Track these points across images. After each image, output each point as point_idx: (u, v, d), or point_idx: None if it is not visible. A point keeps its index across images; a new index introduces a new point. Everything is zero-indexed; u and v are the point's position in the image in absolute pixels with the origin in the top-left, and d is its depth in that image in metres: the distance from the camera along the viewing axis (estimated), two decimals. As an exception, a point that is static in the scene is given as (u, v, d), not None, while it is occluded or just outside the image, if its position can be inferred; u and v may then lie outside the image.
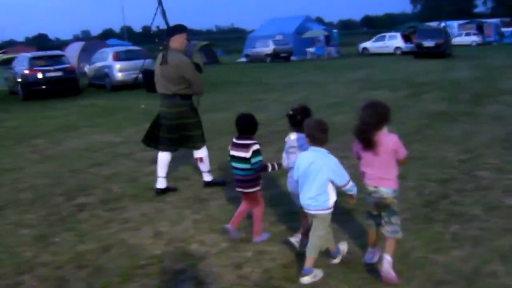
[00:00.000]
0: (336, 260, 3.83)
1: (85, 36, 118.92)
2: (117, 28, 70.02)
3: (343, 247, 3.92)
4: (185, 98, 5.67)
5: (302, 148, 3.82)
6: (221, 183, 6.12)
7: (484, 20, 52.94)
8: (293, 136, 3.99)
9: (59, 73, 18.13)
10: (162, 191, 5.92)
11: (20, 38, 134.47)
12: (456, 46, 36.76)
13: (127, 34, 69.87)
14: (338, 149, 6.73)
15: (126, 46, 29.65)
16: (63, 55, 19.87)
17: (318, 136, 3.52)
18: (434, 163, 6.50)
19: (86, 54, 26.65)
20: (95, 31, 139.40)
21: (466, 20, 53.28)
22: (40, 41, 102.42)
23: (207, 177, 6.17)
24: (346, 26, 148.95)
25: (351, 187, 3.58)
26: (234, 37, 46.75)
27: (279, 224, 4.77)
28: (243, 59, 37.27)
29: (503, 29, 49.94)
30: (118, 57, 19.81)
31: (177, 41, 5.55)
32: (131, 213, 5.39)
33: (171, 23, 6.11)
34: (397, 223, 3.56)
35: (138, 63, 19.75)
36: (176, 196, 5.83)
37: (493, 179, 5.69)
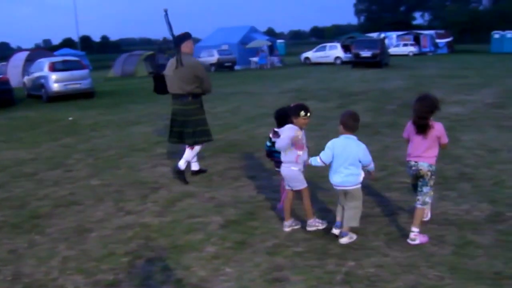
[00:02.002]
0: (343, 240, 4.12)
1: (46, 45, 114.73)
2: (76, 37, 67.77)
3: (354, 236, 4.19)
4: (196, 96, 6.19)
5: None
6: (204, 170, 6.73)
7: (421, 31, 54.07)
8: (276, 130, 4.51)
9: (-10, 84, 16.75)
10: (196, 172, 6.60)
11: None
12: (394, 56, 37.14)
13: (80, 44, 67.34)
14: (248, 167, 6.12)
15: (65, 56, 28.00)
16: (-6, 66, 18.47)
17: (351, 124, 4.08)
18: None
19: (31, 64, 24.96)
20: (56, 40, 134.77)
21: (405, 31, 54.29)
22: (1, 50, 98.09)
23: (194, 167, 6.66)
24: (296, 36, 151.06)
25: (372, 166, 4.21)
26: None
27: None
28: (189, 68, 36.40)
29: (438, 40, 51.13)
30: (54, 67, 18.50)
31: (187, 47, 6.14)
32: (1, 248, 4.52)
33: (127, 32, 5.83)
34: (426, 194, 4.16)
35: (76, 73, 18.65)
36: (58, 226, 4.98)
37: (402, 201, 5.16)
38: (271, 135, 4.74)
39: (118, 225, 4.88)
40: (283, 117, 4.56)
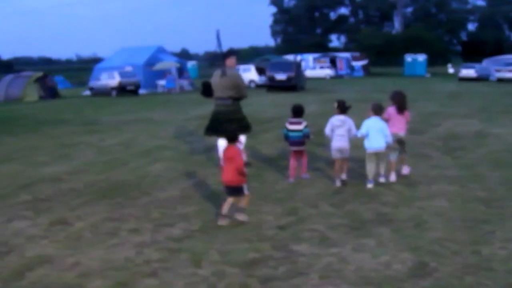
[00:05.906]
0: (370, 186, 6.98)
1: None
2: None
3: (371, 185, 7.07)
4: (236, 100, 8.12)
5: (345, 124, 7.02)
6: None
7: (337, 54, 56.01)
8: (341, 117, 7.00)
9: None
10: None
11: None
12: (311, 79, 37.77)
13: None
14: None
15: None
16: None
17: (378, 112, 7.04)
18: (248, 232, 5.25)
19: None
20: None
21: (321, 53, 55.97)
22: None
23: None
24: (213, 57, 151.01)
25: (390, 139, 7.03)
26: (93, 68, 43.96)
27: None
28: (87, 93, 34.54)
29: (353, 63, 53.23)
30: None
31: (231, 61, 8.06)
32: None
33: (24, 51, 5.60)
34: (404, 150, 7.57)
35: None
36: None
37: (313, 255, 4.56)
38: (287, 125, 7.30)
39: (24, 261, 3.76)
40: (300, 111, 7.34)
